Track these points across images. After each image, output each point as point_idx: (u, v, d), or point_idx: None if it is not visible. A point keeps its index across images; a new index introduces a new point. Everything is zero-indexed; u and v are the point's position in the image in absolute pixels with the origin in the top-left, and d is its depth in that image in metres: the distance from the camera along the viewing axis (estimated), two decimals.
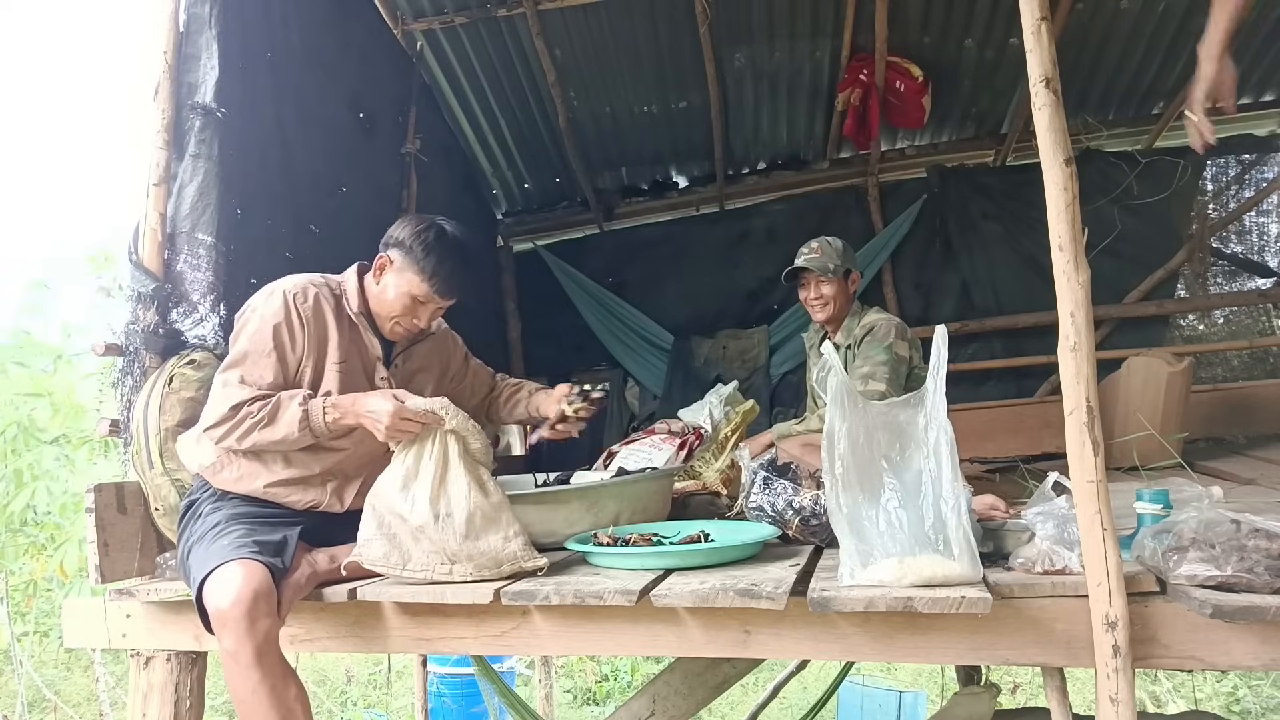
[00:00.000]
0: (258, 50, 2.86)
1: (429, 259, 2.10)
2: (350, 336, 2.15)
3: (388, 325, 2.18)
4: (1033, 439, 4.39)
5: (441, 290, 2.14)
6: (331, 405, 2.00)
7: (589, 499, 2.33)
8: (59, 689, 6.02)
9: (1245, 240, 4.99)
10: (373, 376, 2.19)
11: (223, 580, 1.81)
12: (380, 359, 2.21)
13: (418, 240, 2.11)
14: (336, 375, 2.11)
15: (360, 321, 2.16)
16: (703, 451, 3.15)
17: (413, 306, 2.15)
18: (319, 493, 2.13)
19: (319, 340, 2.10)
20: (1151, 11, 4.41)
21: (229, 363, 2.05)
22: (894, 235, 5.16)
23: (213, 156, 2.53)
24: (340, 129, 3.50)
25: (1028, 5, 1.71)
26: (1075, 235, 1.64)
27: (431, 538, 1.92)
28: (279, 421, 1.99)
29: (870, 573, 1.66)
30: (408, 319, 2.17)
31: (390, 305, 2.15)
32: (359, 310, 2.16)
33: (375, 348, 2.19)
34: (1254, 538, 1.56)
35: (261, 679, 1.79)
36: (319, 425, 2.00)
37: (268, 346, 2.03)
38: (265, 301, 2.08)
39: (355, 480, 2.18)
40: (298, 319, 2.06)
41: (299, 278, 2.14)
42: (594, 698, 6.65)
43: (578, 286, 5.48)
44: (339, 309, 2.15)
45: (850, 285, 3.15)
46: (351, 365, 2.14)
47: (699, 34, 4.43)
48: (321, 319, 2.10)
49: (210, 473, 2.09)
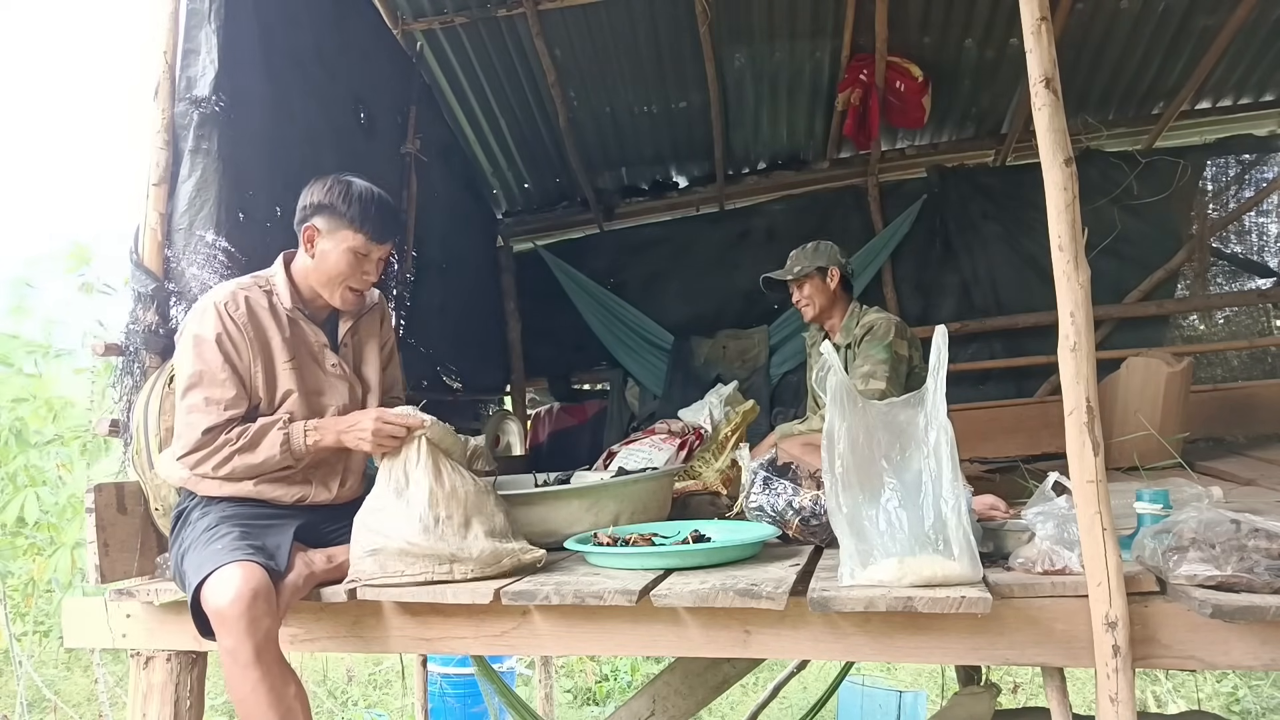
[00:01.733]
0: (257, 47, 2.85)
1: (352, 208, 2.09)
2: (292, 332, 2.14)
3: (338, 292, 2.14)
4: (1033, 439, 4.39)
5: (376, 234, 2.12)
6: (313, 428, 2.03)
7: (589, 499, 2.34)
8: (59, 689, 6.02)
9: (1245, 240, 4.99)
10: (324, 364, 2.18)
11: (221, 581, 1.80)
12: (326, 346, 2.19)
13: (335, 195, 2.09)
14: (291, 373, 2.10)
15: (296, 314, 2.15)
16: (703, 451, 3.15)
17: (356, 261, 2.12)
18: (304, 486, 2.13)
19: (261, 343, 2.08)
20: (1151, 11, 4.41)
21: (186, 387, 2.03)
22: (894, 235, 5.16)
23: (211, 152, 2.52)
24: (340, 128, 3.50)
25: (1028, 5, 1.71)
26: (1075, 235, 1.64)
27: (429, 544, 1.92)
28: (260, 447, 2.00)
29: (870, 573, 1.66)
30: (356, 276, 2.13)
31: (334, 268, 2.11)
32: (293, 305, 2.14)
33: (319, 335, 2.19)
34: (1254, 538, 1.56)
35: (261, 678, 1.79)
36: (300, 448, 2.02)
37: (219, 360, 2.02)
38: (199, 319, 2.06)
39: (338, 466, 2.19)
40: (234, 327, 2.04)
41: (226, 286, 2.12)
42: (594, 698, 6.65)
43: (578, 286, 5.47)
44: (273, 306, 2.12)
45: (830, 281, 3.17)
46: (301, 359, 2.14)
47: (699, 34, 4.43)
48: (257, 321, 2.08)
49: (192, 484, 2.08)
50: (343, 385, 2.20)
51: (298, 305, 2.16)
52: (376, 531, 1.95)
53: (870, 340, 2.98)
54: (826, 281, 3.17)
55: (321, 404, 2.16)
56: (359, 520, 1.99)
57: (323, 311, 2.22)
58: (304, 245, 2.14)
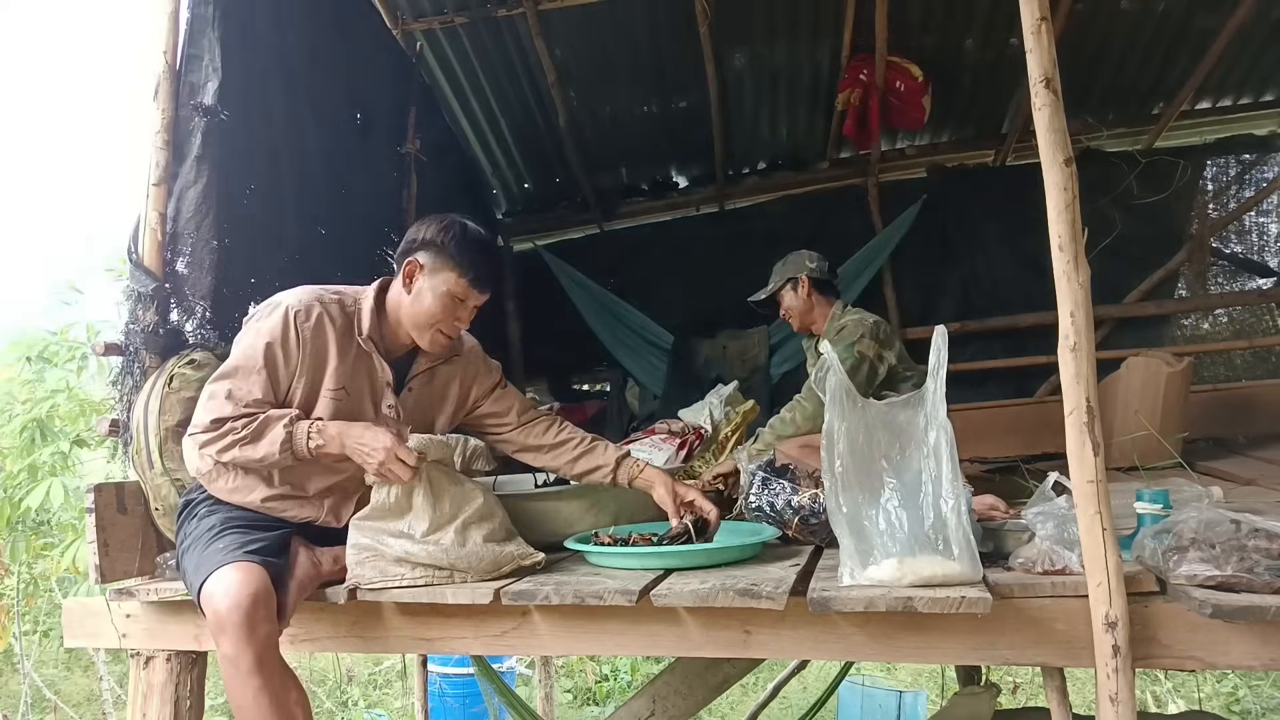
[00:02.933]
0: (260, 51, 2.85)
1: (463, 254, 2.03)
2: (356, 362, 2.06)
3: (428, 335, 2.07)
4: (1033, 439, 4.38)
5: (480, 284, 2.06)
6: (317, 431, 1.93)
7: (589, 499, 2.34)
8: (59, 689, 6.02)
9: (1245, 240, 4.99)
10: (379, 405, 2.09)
11: (220, 584, 1.77)
12: (390, 385, 2.10)
13: (447, 237, 2.04)
14: (330, 402, 2.01)
15: (370, 345, 2.07)
16: (703, 451, 3.15)
17: (453, 306, 2.05)
18: (315, 509, 2.09)
19: (315, 364, 2.01)
20: (1151, 11, 4.41)
21: (220, 373, 1.99)
22: (894, 235, 5.16)
23: (216, 158, 2.53)
24: (340, 130, 3.50)
25: (1028, 5, 1.71)
26: (1075, 235, 1.64)
27: (428, 555, 1.92)
28: (261, 440, 1.92)
29: (870, 573, 1.66)
30: (449, 321, 2.06)
31: (430, 309, 2.04)
32: (369, 335, 2.06)
33: (386, 373, 2.09)
34: (1254, 538, 1.56)
35: (262, 686, 1.75)
36: (301, 449, 1.93)
37: (258, 364, 1.96)
38: (267, 315, 2.01)
39: (353, 496, 2.13)
40: (295, 338, 1.98)
41: (307, 292, 2.04)
42: (594, 698, 6.66)
43: (578, 286, 5.47)
44: (347, 330, 2.05)
45: (800, 290, 3.24)
46: (355, 391, 2.05)
47: (699, 34, 4.43)
48: (322, 341, 2.01)
49: (206, 480, 2.04)
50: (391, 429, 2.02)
51: (373, 336, 2.08)
52: (375, 539, 1.95)
53: (836, 340, 3.02)
54: (798, 291, 3.22)
55: None
56: (355, 524, 1.97)
57: (401, 350, 2.14)
58: (402, 279, 2.06)
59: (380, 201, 3.82)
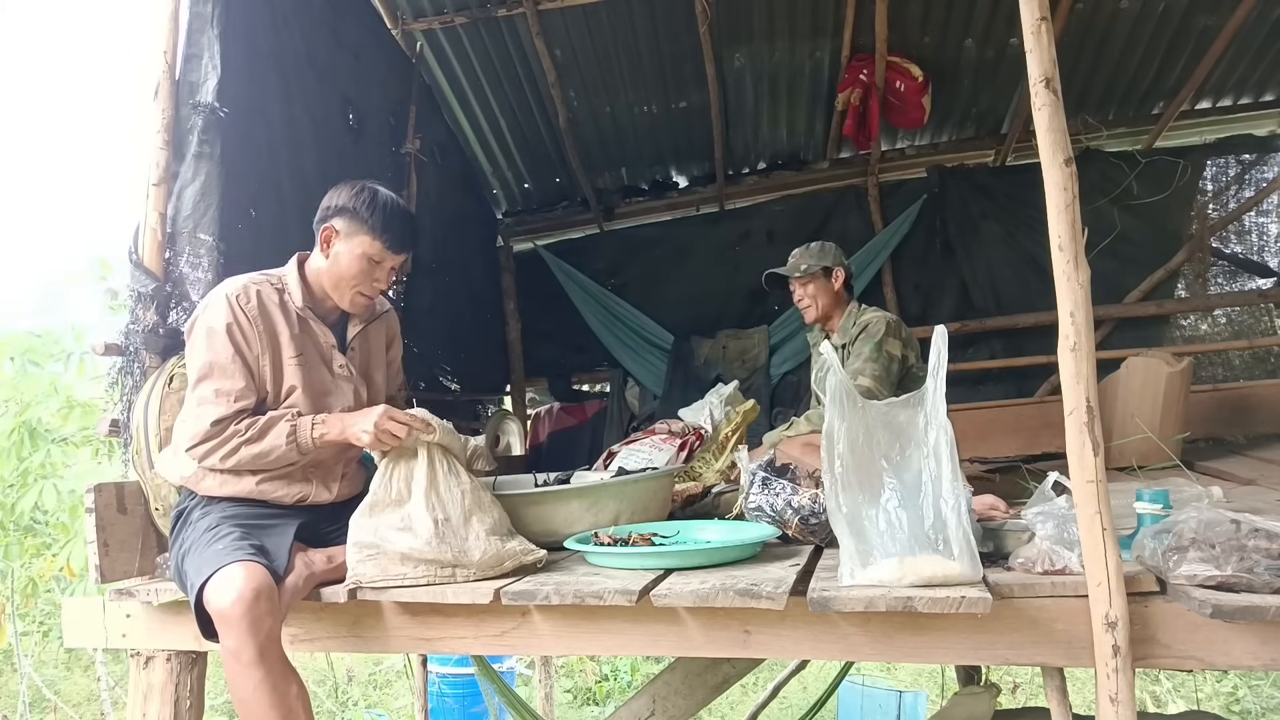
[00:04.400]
0: (259, 50, 2.85)
1: (375, 216, 2.11)
2: (301, 329, 2.14)
3: (348, 295, 2.16)
4: (1033, 439, 4.39)
5: (393, 244, 2.14)
6: (320, 421, 2.03)
7: (589, 499, 2.33)
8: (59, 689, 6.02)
9: (1245, 240, 4.99)
10: (331, 365, 2.19)
11: (224, 581, 1.80)
12: (335, 346, 2.20)
13: (359, 201, 2.12)
14: (296, 369, 2.10)
15: (307, 314, 2.15)
16: (703, 452, 3.15)
17: (370, 268, 2.14)
18: (305, 485, 2.14)
19: (270, 336, 2.08)
20: (1151, 11, 4.41)
21: (197, 378, 2.03)
22: (894, 235, 5.16)
23: (215, 156, 2.53)
24: (340, 129, 3.50)
25: (1028, 5, 1.71)
26: (1075, 235, 1.64)
27: (431, 551, 1.92)
28: (266, 439, 2.00)
29: (870, 573, 1.66)
30: (367, 282, 2.15)
31: (346, 272, 2.13)
32: (304, 304, 2.15)
33: (328, 335, 2.19)
34: (1254, 538, 1.56)
35: (263, 678, 1.79)
36: (306, 441, 2.01)
37: (229, 352, 2.02)
38: (210, 310, 2.06)
39: (337, 467, 2.20)
40: (245, 318, 2.05)
41: (237, 280, 2.12)
42: (594, 698, 6.65)
43: (578, 286, 5.48)
44: (283, 303, 2.13)
45: (834, 282, 3.16)
46: (309, 358, 2.14)
47: (699, 34, 4.43)
48: (268, 315, 2.09)
49: (193, 482, 2.08)
50: (348, 387, 2.20)
51: (308, 304, 2.17)
52: (376, 535, 1.95)
53: (863, 339, 2.98)
54: (830, 282, 3.16)
55: (327, 404, 2.16)
56: (356, 521, 1.98)
57: (332, 314, 2.23)
58: (320, 245, 2.16)
59: None
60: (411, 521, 1.95)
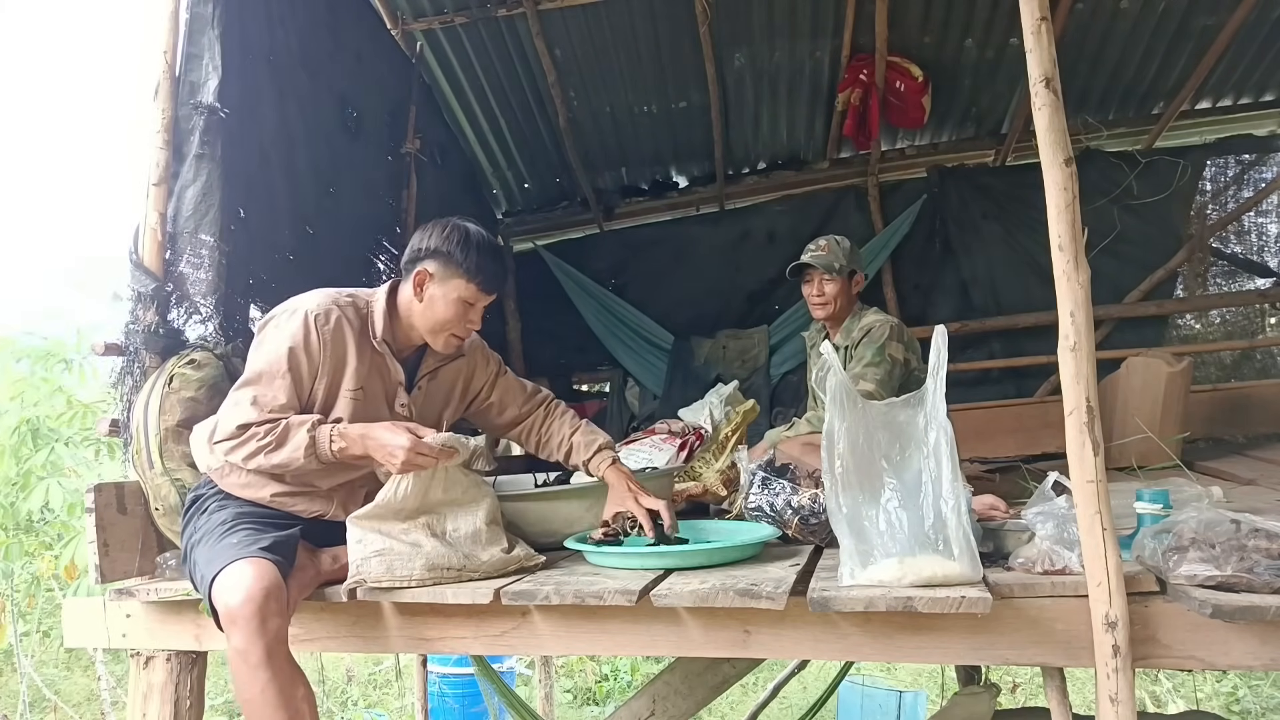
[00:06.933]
0: (259, 50, 2.86)
1: (469, 259, 2.07)
2: (372, 363, 2.10)
3: (442, 338, 2.13)
4: (1033, 439, 4.38)
5: (487, 286, 2.11)
6: (339, 434, 1.96)
7: (589, 499, 2.34)
8: (59, 689, 6.02)
9: (1244, 240, 4.99)
10: (392, 404, 2.15)
11: (233, 578, 1.79)
12: (402, 385, 2.16)
13: (452, 244, 2.08)
14: (349, 402, 2.06)
15: (384, 347, 2.12)
16: (703, 452, 3.15)
17: (464, 311, 2.10)
18: (325, 504, 2.11)
19: (335, 364, 2.05)
20: (1151, 11, 4.41)
21: (244, 380, 2.02)
22: (894, 235, 5.16)
23: (215, 157, 2.53)
24: (340, 129, 3.50)
25: (1028, 5, 1.71)
26: (1075, 235, 1.64)
27: (438, 554, 1.93)
28: (285, 446, 1.95)
29: (870, 573, 1.66)
30: (461, 324, 2.12)
31: (443, 316, 2.09)
32: (384, 336, 2.11)
33: (398, 372, 2.15)
34: (1254, 538, 1.56)
35: (270, 679, 1.77)
36: (325, 453, 1.96)
37: (282, 369, 2.00)
38: (287, 320, 2.03)
39: (360, 490, 2.16)
40: (317, 341, 2.02)
41: (324, 295, 2.09)
42: (594, 698, 6.66)
43: (578, 286, 5.47)
44: (363, 332, 2.09)
45: (854, 286, 3.15)
46: (371, 392, 2.10)
47: (699, 34, 4.43)
48: (341, 343, 2.05)
49: (218, 475, 2.07)
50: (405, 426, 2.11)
51: (387, 338, 2.13)
52: (383, 534, 1.94)
53: (866, 342, 2.97)
54: (851, 284, 3.15)
55: None
56: (361, 519, 1.97)
57: (410, 349, 2.20)
58: (413, 289, 2.10)
59: (380, 201, 3.82)
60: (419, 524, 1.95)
